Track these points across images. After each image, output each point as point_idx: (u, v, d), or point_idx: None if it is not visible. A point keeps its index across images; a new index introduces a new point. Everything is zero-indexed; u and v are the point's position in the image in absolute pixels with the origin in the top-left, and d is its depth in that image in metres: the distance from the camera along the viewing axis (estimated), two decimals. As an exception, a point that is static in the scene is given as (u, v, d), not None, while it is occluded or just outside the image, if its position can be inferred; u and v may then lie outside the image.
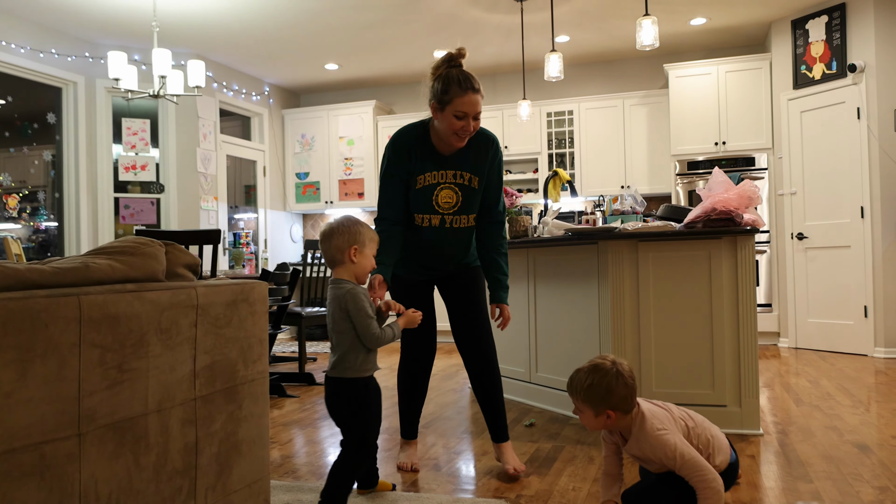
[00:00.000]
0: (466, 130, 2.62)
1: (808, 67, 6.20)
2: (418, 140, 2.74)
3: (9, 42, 5.68)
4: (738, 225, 3.31)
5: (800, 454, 3.02)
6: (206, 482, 1.71)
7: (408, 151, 2.73)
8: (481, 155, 2.78)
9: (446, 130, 2.63)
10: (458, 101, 2.58)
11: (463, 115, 2.59)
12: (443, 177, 2.74)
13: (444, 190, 2.74)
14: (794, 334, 6.32)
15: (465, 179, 2.76)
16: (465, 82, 2.59)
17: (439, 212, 2.76)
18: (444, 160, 2.74)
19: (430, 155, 2.74)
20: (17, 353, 1.24)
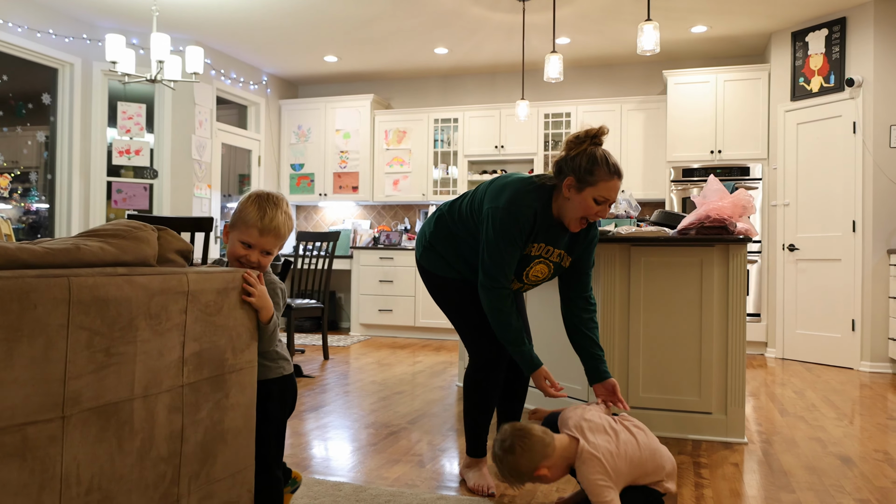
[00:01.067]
0: (600, 216, 2.46)
1: (806, 80, 6.22)
2: (542, 212, 2.50)
3: (6, 20, 5.64)
4: (731, 233, 3.32)
5: (783, 464, 3.04)
6: (190, 470, 1.70)
7: (533, 225, 2.49)
8: (582, 238, 2.62)
9: (575, 213, 2.45)
10: (604, 185, 2.40)
11: (604, 200, 2.42)
12: (547, 252, 2.56)
13: (540, 264, 2.58)
14: (782, 345, 6.34)
15: (562, 258, 2.60)
16: (613, 166, 2.41)
17: (523, 282, 2.61)
18: (554, 235, 2.55)
19: (547, 229, 2.52)
20: (4, 332, 1.22)
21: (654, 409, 3.47)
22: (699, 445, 3.30)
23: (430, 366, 5.61)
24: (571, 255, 2.61)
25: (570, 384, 3.74)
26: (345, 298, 8.47)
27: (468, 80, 8.16)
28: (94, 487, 1.42)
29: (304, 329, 8.05)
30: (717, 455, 3.15)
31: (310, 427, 3.57)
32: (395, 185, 7.99)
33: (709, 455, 3.14)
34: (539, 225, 2.49)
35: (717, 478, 2.82)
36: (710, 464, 3.01)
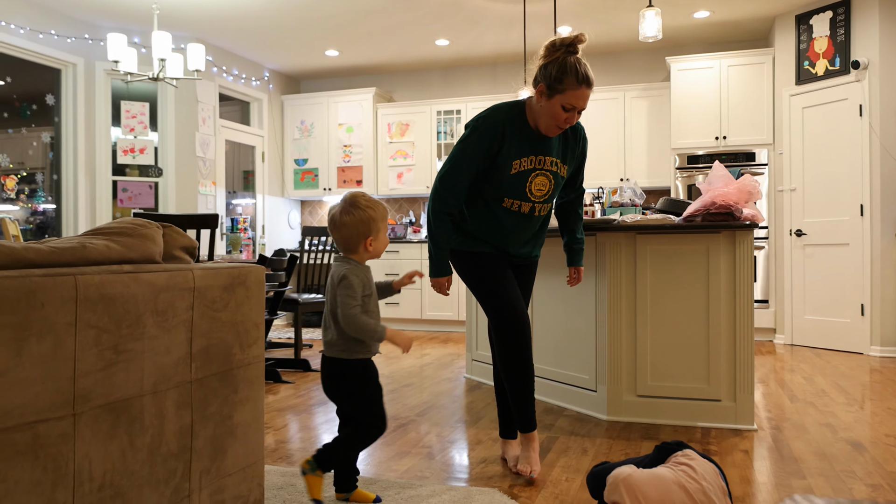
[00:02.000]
0: (570, 123, 2.55)
1: (811, 63, 6.18)
2: (515, 121, 2.60)
3: (8, 22, 5.64)
4: (737, 219, 3.30)
5: (793, 450, 3.03)
6: (201, 465, 1.71)
7: (502, 131, 2.57)
8: (572, 141, 2.71)
9: (547, 119, 2.54)
10: (572, 93, 2.48)
11: (571, 107, 2.50)
12: (540, 163, 2.62)
13: (539, 177, 2.63)
14: (791, 331, 6.33)
15: (558, 167, 2.67)
16: (582, 75, 2.48)
17: (531, 199, 2.65)
18: (540, 145, 2.62)
19: (528, 138, 2.60)
20: (13, 332, 1.23)
21: (663, 397, 3.47)
22: (708, 433, 3.30)
23: (438, 358, 5.62)
24: (566, 163, 2.71)
25: (577, 373, 3.74)
26: (352, 293, 8.47)
27: (470, 71, 8.14)
28: (106, 484, 1.43)
29: (312, 324, 8.07)
30: (726, 442, 3.14)
31: (319, 421, 3.58)
32: (399, 178, 7.99)
33: (718, 442, 3.14)
34: (513, 139, 2.58)
35: (727, 465, 2.82)
36: (720, 451, 3.01)
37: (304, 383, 4.59)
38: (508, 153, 2.58)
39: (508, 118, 2.58)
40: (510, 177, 2.59)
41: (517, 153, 2.58)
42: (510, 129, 2.58)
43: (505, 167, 2.58)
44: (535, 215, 2.70)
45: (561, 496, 2.47)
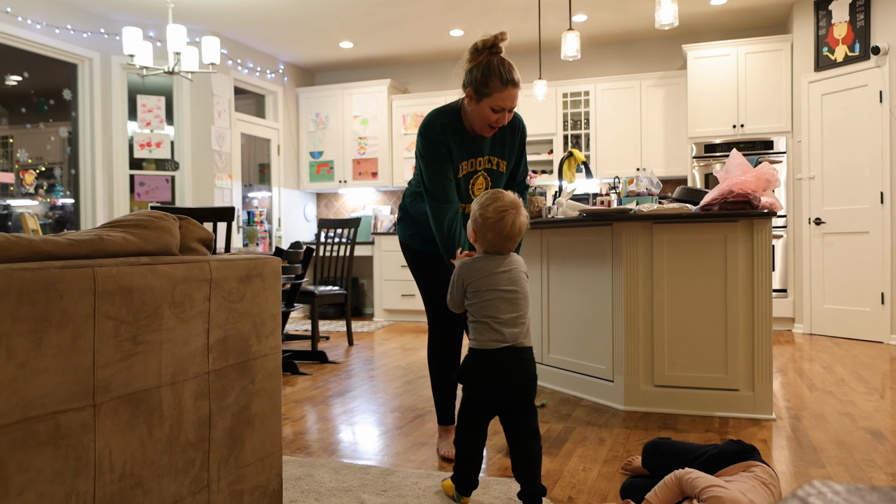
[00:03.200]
0: (501, 123, 2.59)
1: (830, 49, 6.10)
2: (452, 126, 2.66)
3: (25, 17, 5.69)
4: (755, 208, 3.27)
5: (812, 439, 3.01)
6: (219, 455, 1.72)
7: (445, 135, 2.64)
8: (509, 136, 2.75)
9: (479, 122, 2.59)
10: (498, 95, 2.51)
11: (500, 109, 2.54)
12: (478, 164, 2.70)
13: (479, 178, 2.71)
14: (809, 320, 6.27)
15: (494, 164, 2.72)
16: (506, 76, 2.51)
17: (472, 198, 2.69)
18: (476, 146, 2.69)
19: (465, 142, 2.67)
20: (33, 323, 1.24)
21: (680, 387, 3.45)
22: (727, 422, 3.28)
23: (455, 349, 5.61)
24: (504, 158, 2.73)
25: (593, 363, 3.73)
26: (367, 284, 8.50)
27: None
28: (126, 473, 1.44)
29: (328, 316, 8.10)
30: (745, 432, 3.12)
31: (336, 412, 3.60)
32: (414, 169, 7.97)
33: (737, 432, 3.12)
34: (453, 141, 2.62)
35: (746, 454, 2.80)
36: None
37: (321, 375, 4.62)
38: (455, 156, 2.65)
39: (447, 122, 2.64)
40: (458, 179, 2.67)
41: (459, 156, 2.65)
42: (450, 133, 2.64)
43: (455, 171, 2.66)
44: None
45: (578, 486, 2.46)
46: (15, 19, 5.60)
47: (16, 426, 1.21)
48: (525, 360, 2.15)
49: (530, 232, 4.22)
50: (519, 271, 2.22)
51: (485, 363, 2.16)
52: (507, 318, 2.15)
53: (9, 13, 5.55)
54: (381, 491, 2.40)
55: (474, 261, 2.23)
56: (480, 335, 2.17)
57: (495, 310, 2.17)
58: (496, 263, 2.20)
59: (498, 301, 2.17)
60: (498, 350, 2.14)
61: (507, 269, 2.19)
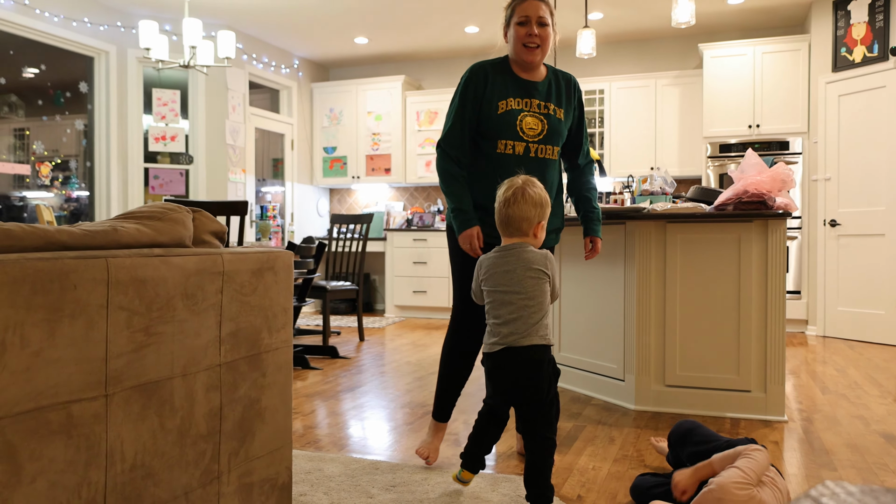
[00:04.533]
0: (532, 37, 2.54)
1: (848, 50, 6.04)
2: (498, 67, 2.63)
3: (42, 10, 5.73)
4: (769, 208, 3.25)
5: (824, 442, 2.99)
6: (230, 447, 1.73)
7: (486, 77, 2.60)
8: (565, 90, 2.69)
9: (516, 45, 2.57)
10: (519, 7, 2.55)
11: (525, 19, 2.54)
12: (527, 105, 2.60)
13: (529, 117, 2.58)
14: (823, 322, 6.22)
15: (550, 110, 2.63)
16: None
17: (524, 138, 2.57)
18: (529, 88, 2.62)
19: (513, 81, 2.62)
20: (46, 312, 1.25)
21: (692, 387, 3.44)
22: (738, 424, 3.26)
23: (465, 346, 5.61)
24: (562, 107, 2.67)
25: (605, 362, 3.72)
26: (379, 280, 8.51)
27: (499, 59, 8.08)
28: (137, 464, 1.45)
29: (340, 311, 8.12)
30: (756, 433, 3.10)
31: (346, 407, 3.61)
32: (428, 166, 7.98)
33: (748, 433, 3.10)
34: (496, 81, 2.60)
35: (757, 456, 2.79)
36: (750, 442, 2.97)
37: (332, 370, 4.63)
38: (493, 94, 2.58)
39: (491, 64, 2.64)
40: (498, 117, 2.56)
41: (502, 94, 2.59)
42: (493, 73, 2.62)
43: (493, 107, 2.57)
44: (534, 156, 2.59)
45: (588, 484, 2.46)
46: (33, 12, 5.64)
47: (29, 415, 1.22)
48: (527, 360, 2.08)
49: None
50: (521, 271, 2.12)
51: (490, 367, 2.15)
52: (504, 319, 2.12)
53: (27, 5, 5.59)
54: (391, 486, 2.40)
55: (486, 257, 2.21)
56: (487, 337, 2.17)
57: (496, 311, 2.15)
58: (501, 261, 2.16)
59: (498, 303, 2.15)
60: (497, 353, 2.12)
61: (508, 269, 2.14)
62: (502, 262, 2.16)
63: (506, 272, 2.14)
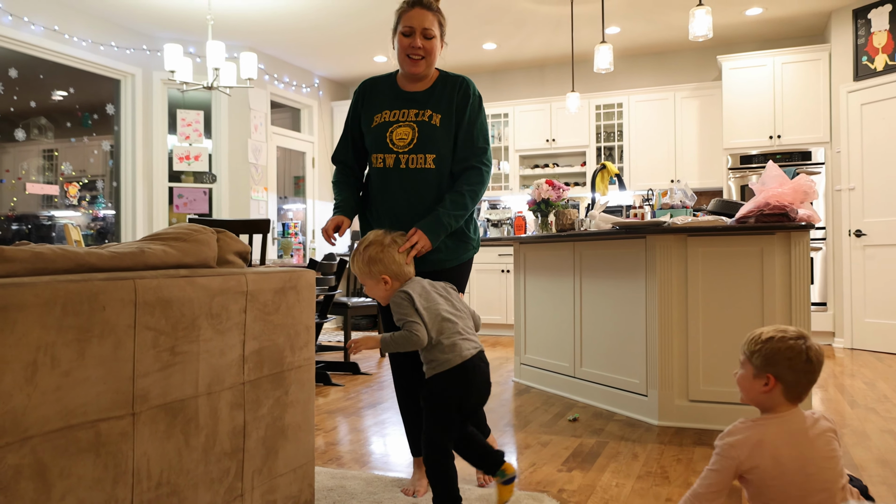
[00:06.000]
0: (415, 48, 2.46)
1: (869, 58, 6.00)
2: (382, 81, 2.63)
3: (71, 35, 5.86)
4: (792, 220, 3.23)
5: (854, 457, 2.94)
6: (253, 465, 1.75)
7: (367, 91, 2.63)
8: (448, 92, 2.56)
9: (400, 55, 2.52)
10: (404, 17, 2.49)
11: (409, 30, 2.46)
12: (403, 115, 2.53)
13: (401, 128, 2.52)
14: (850, 334, 6.14)
15: (426, 116, 2.51)
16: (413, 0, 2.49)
17: (393, 150, 2.49)
18: (408, 99, 2.55)
19: (393, 93, 2.58)
20: (76, 333, 1.28)
21: (716, 402, 3.41)
22: (763, 438, 3.22)
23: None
24: (439, 112, 2.52)
25: (627, 377, 3.70)
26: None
27: (517, 75, 8.12)
28: (163, 482, 1.48)
29: (361, 327, 8.15)
30: (782, 448, 3.07)
31: (368, 423, 3.62)
32: (448, 181, 8.00)
33: (774, 448, 3.07)
34: (377, 95, 2.59)
35: (783, 471, 2.75)
36: (776, 457, 2.94)
37: (354, 386, 4.65)
38: (371, 108, 2.58)
39: (374, 81, 2.65)
40: (372, 130, 2.54)
41: (379, 107, 2.56)
42: (371, 89, 2.62)
43: (369, 122, 2.57)
44: (404, 167, 2.49)
45: (611, 501, 2.45)
46: (62, 37, 5.78)
47: (59, 433, 1.25)
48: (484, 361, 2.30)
49: (562, 244, 4.22)
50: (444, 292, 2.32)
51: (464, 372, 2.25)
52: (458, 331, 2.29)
53: (56, 31, 5.72)
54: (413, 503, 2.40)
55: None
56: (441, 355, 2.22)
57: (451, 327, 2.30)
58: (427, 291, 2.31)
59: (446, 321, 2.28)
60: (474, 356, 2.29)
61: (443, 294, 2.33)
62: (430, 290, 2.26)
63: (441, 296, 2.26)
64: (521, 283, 4.73)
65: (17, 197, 5.67)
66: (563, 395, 4.24)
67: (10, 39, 5.44)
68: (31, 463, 1.20)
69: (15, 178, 5.64)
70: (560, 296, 4.26)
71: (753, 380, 1.75)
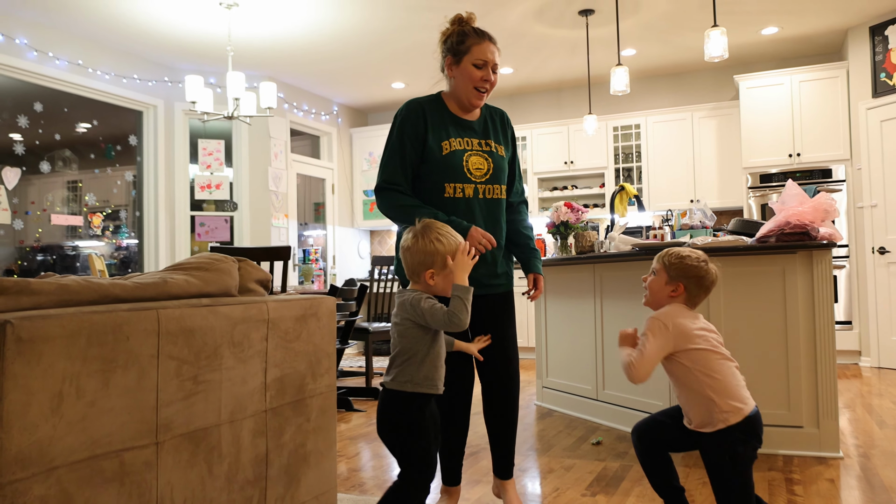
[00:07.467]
0: (487, 82, 2.45)
1: (888, 75, 5.96)
2: (433, 105, 2.52)
3: (94, 69, 5.99)
4: (813, 239, 3.20)
5: (883, 479, 2.89)
6: (276, 492, 1.75)
7: (423, 113, 2.48)
8: (500, 126, 2.61)
9: (465, 85, 2.46)
10: (477, 48, 2.43)
11: (482, 63, 2.43)
12: (468, 144, 2.49)
13: (474, 157, 2.48)
14: (877, 353, 6.04)
15: (492, 147, 2.53)
16: (481, 31, 2.46)
17: (472, 180, 2.45)
18: (467, 127, 2.52)
19: (450, 120, 2.51)
20: (101, 364, 1.30)
21: (741, 423, 3.36)
22: (791, 461, 3.17)
23: (508, 385, 5.58)
24: (501, 143, 2.57)
25: (649, 399, 3.66)
26: (421, 320, 8.53)
27: (534, 98, 8.16)
28: (186, 510, 1.48)
29: (382, 352, 8.15)
30: (810, 471, 3.02)
31: (391, 449, 3.61)
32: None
33: (802, 471, 3.02)
34: (434, 120, 2.48)
35: (812, 494, 2.71)
36: (804, 480, 2.89)
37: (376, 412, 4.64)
38: (433, 133, 2.46)
39: (426, 102, 2.53)
40: (442, 158, 2.44)
41: (443, 134, 2.47)
42: (430, 112, 2.50)
43: (436, 149, 2.45)
44: (483, 197, 2.48)
45: (636, 526, 2.41)
46: (86, 71, 5.91)
47: (84, 463, 1.27)
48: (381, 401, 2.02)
49: (582, 267, 4.20)
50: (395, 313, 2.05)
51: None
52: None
53: (80, 65, 5.85)
54: (436, 529, 2.39)
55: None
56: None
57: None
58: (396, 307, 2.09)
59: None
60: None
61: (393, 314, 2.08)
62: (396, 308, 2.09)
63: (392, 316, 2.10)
64: (541, 306, 4.72)
65: (42, 228, 5.77)
66: (586, 418, 4.20)
67: (36, 74, 5.57)
68: (56, 494, 1.21)
69: (40, 210, 5.75)
70: (581, 318, 4.24)
71: (665, 285, 2.19)
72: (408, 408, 1.97)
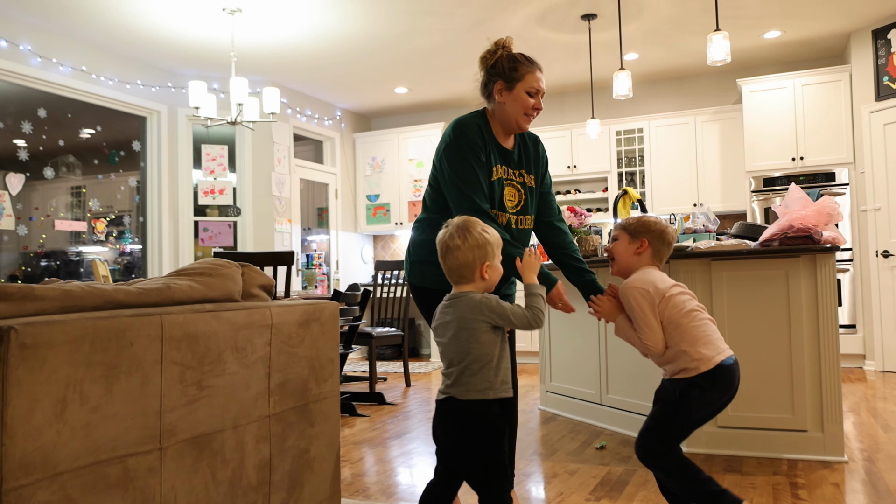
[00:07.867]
0: (538, 108, 2.48)
1: (891, 78, 5.96)
2: (486, 127, 2.50)
3: (98, 75, 6.01)
4: (816, 243, 3.19)
5: (888, 483, 2.88)
6: (280, 498, 1.75)
7: (483, 135, 2.46)
8: (533, 153, 2.61)
9: (516, 111, 2.45)
10: (530, 76, 2.45)
11: (535, 91, 2.46)
12: (505, 173, 2.49)
13: (509, 187, 2.49)
14: (882, 356, 6.02)
15: (525, 178, 2.56)
16: (531, 60, 2.49)
17: (507, 211, 2.48)
18: (507, 156, 2.52)
19: (494, 146, 2.49)
20: (104, 369, 1.30)
21: (745, 427, 3.35)
22: (795, 465, 3.16)
23: (512, 389, 5.57)
24: (531, 172, 2.58)
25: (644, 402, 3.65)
26: (424, 325, 8.53)
27: (537, 102, 8.16)
28: (190, 516, 1.48)
29: (386, 357, 8.14)
30: (815, 475, 3.01)
31: (394, 454, 3.61)
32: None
33: (806, 475, 3.01)
34: (488, 141, 2.46)
35: (817, 498, 2.70)
36: (808, 484, 2.88)
37: (379, 416, 4.64)
38: (488, 159, 2.45)
39: (482, 123, 2.49)
40: (491, 184, 2.43)
41: (492, 160, 2.47)
42: (487, 135, 2.48)
43: (489, 174, 2.43)
44: (513, 227, 2.49)
45: (640, 531, 2.41)
46: (90, 77, 5.93)
47: (88, 469, 1.27)
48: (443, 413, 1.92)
49: (586, 271, 4.20)
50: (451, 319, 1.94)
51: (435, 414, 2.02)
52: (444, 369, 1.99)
53: (84, 71, 5.88)
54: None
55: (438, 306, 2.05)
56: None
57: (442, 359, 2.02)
58: (441, 313, 2.00)
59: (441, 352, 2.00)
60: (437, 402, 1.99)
61: (440, 322, 1.98)
62: (440, 314, 2.00)
63: (439, 324, 1.99)
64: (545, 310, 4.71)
65: (46, 234, 5.79)
66: (589, 422, 4.19)
67: (40, 80, 5.60)
68: (60, 499, 1.21)
69: (44, 216, 5.76)
70: (585, 322, 4.23)
71: (629, 244, 2.26)
72: (493, 417, 1.89)
